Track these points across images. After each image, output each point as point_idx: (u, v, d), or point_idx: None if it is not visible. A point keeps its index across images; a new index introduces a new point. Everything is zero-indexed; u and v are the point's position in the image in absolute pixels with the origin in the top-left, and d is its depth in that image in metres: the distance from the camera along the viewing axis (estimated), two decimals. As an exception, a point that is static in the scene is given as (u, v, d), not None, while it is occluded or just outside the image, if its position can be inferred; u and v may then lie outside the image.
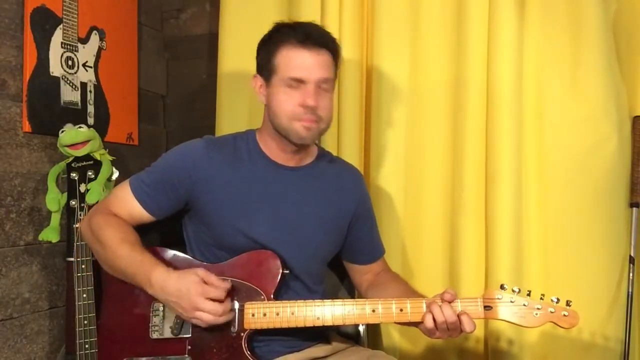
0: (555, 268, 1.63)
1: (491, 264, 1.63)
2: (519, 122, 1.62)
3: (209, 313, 1.18)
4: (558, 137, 1.63)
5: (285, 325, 1.25)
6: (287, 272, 1.32)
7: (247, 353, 1.25)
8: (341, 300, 1.27)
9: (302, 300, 1.26)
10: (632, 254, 1.58)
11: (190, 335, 1.29)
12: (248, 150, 1.38)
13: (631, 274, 1.57)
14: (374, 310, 1.24)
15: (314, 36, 1.29)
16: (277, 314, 1.25)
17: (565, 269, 1.62)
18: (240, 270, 1.30)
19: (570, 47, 1.62)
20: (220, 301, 1.20)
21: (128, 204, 1.34)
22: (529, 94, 1.64)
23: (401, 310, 1.23)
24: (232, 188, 1.34)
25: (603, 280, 1.60)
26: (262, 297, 1.28)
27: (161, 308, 1.31)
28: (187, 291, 1.18)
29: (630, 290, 1.56)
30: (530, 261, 1.62)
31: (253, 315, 1.26)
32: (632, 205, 1.60)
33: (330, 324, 1.25)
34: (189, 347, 1.28)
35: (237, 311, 1.26)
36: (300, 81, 1.28)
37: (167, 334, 1.30)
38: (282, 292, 1.32)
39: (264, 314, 1.25)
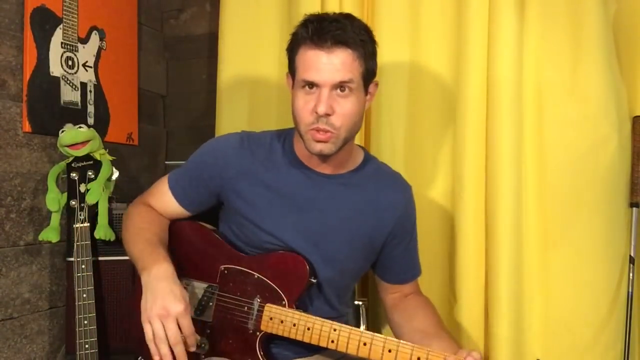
0: (555, 268, 1.63)
1: (491, 263, 1.63)
2: (519, 122, 1.62)
3: (150, 332, 1.12)
4: (558, 137, 1.63)
5: (299, 338, 1.21)
6: (315, 281, 1.28)
7: (260, 353, 1.24)
8: (360, 330, 1.20)
9: (322, 319, 1.21)
10: (632, 254, 1.58)
11: (211, 321, 1.29)
12: (283, 153, 1.33)
13: (631, 274, 1.57)
14: (390, 351, 1.16)
15: (330, 33, 1.14)
16: (294, 325, 1.21)
17: (566, 269, 1.61)
18: (268, 268, 1.27)
19: (570, 47, 1.62)
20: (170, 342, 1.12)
21: (164, 197, 1.37)
22: (529, 93, 1.64)
23: (419, 358, 1.14)
24: (261, 189, 1.30)
25: (603, 280, 1.60)
26: (284, 302, 1.24)
27: (191, 284, 1.31)
28: (161, 303, 1.12)
29: (630, 290, 1.56)
30: (530, 261, 1.62)
31: (271, 318, 1.23)
32: (632, 205, 1.60)
33: (343, 351, 1.20)
34: (208, 331, 1.29)
35: (256, 309, 1.25)
36: (314, 84, 1.18)
37: (192, 313, 1.27)
38: (306, 302, 1.29)
39: (281, 321, 1.23)
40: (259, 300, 1.25)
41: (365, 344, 1.17)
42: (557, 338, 1.60)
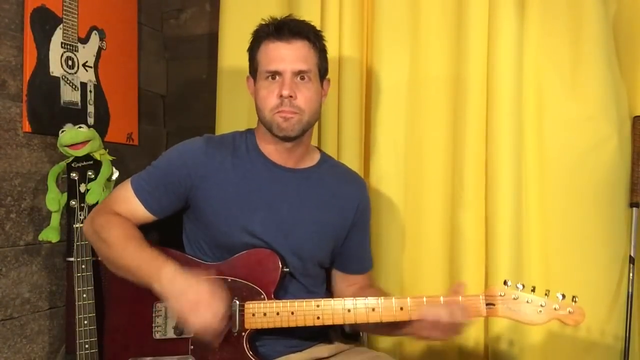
0: (555, 268, 1.63)
1: (491, 263, 1.63)
2: (519, 122, 1.62)
3: (202, 323, 1.15)
4: (558, 137, 1.63)
5: (285, 324, 1.25)
6: (287, 269, 1.32)
7: (249, 353, 1.25)
8: (341, 299, 1.27)
9: (302, 300, 1.26)
10: (632, 254, 1.58)
11: (192, 335, 1.29)
12: (247, 150, 1.38)
13: (631, 274, 1.57)
14: (374, 309, 1.23)
15: (288, 26, 1.29)
16: (277, 314, 1.25)
17: (565, 269, 1.62)
18: (240, 269, 1.30)
19: (570, 47, 1.62)
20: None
21: (130, 203, 1.34)
22: (529, 93, 1.64)
23: (401, 308, 1.22)
24: (230, 186, 1.34)
25: (603, 280, 1.60)
26: (263, 296, 1.28)
27: (163, 308, 1.32)
28: (197, 294, 1.15)
29: (630, 290, 1.56)
30: (530, 261, 1.62)
31: (253, 315, 1.25)
32: (632, 205, 1.60)
33: (330, 323, 1.25)
34: (192, 346, 1.29)
35: (237, 311, 1.26)
36: (277, 73, 1.29)
37: (170, 334, 1.30)
38: (281, 293, 1.32)
39: (264, 314, 1.25)
40: (237, 301, 1.26)
41: (349, 311, 1.24)
42: (557, 338, 1.60)
